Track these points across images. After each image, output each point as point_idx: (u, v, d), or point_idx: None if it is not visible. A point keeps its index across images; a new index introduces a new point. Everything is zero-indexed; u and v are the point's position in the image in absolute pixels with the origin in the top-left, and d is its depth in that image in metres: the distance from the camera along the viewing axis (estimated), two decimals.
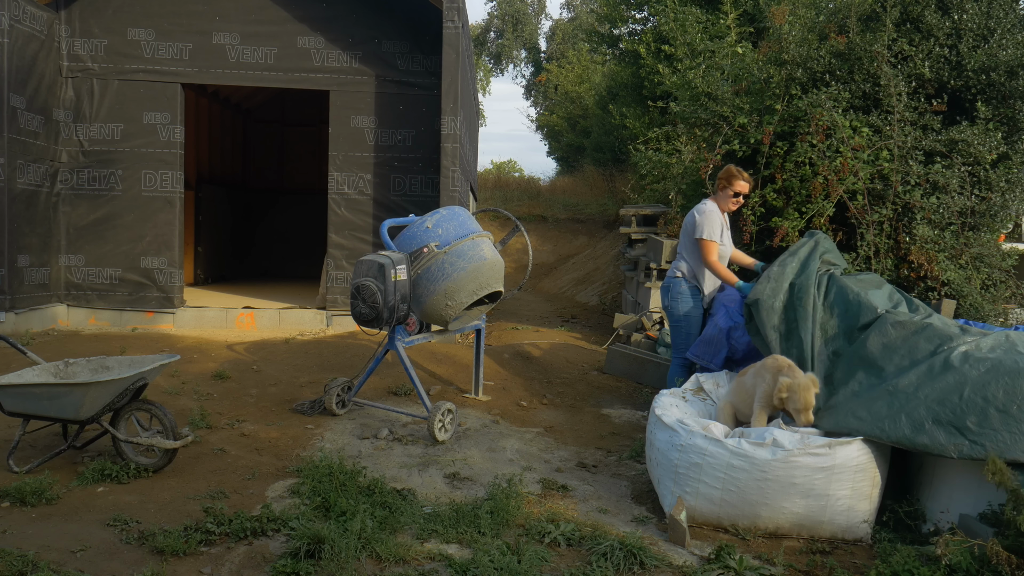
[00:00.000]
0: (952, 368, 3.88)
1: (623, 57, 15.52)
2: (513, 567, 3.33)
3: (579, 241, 16.35)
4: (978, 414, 3.70)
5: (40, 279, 8.23)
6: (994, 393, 3.71)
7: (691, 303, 5.45)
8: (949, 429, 3.74)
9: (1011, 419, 3.64)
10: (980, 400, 3.72)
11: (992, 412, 3.68)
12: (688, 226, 5.52)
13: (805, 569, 3.59)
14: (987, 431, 3.66)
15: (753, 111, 7.56)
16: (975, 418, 3.70)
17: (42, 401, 4.23)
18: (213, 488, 4.26)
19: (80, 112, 8.53)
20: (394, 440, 5.31)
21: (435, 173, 8.53)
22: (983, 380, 3.76)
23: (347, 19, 8.58)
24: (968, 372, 3.82)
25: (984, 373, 3.78)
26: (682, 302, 5.47)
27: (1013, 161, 6.82)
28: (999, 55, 6.74)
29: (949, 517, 3.78)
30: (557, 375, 7.16)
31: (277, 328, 8.79)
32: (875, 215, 6.72)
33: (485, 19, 36.60)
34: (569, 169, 25.30)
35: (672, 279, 5.58)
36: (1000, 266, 6.79)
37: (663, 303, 5.70)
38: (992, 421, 3.67)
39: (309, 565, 3.34)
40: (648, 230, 9.63)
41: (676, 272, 5.57)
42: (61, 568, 3.23)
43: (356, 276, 5.31)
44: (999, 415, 3.67)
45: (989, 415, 3.68)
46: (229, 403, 5.99)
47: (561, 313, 11.13)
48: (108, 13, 8.50)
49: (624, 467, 4.98)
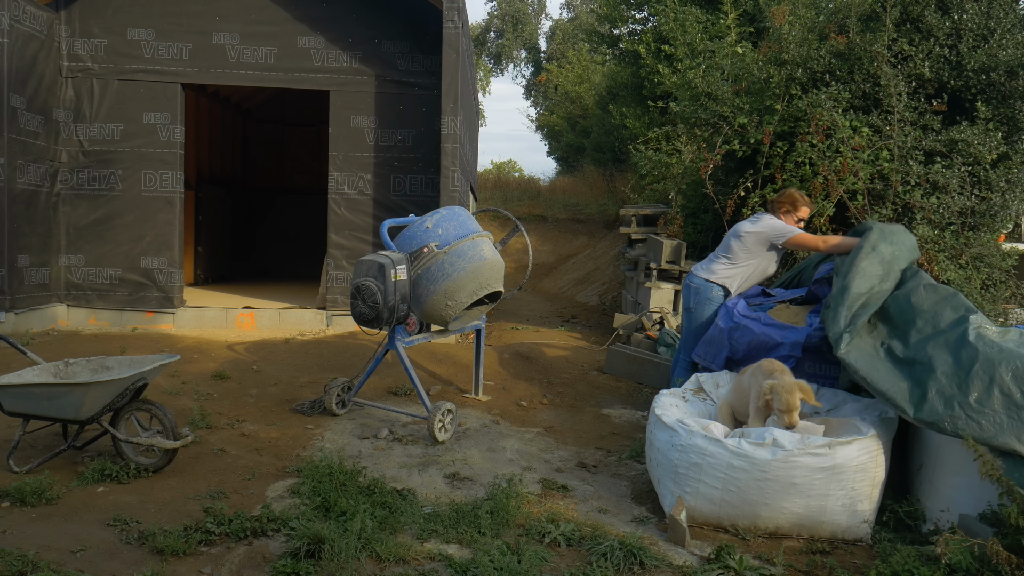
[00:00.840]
0: (967, 344, 3.94)
1: (623, 57, 15.53)
2: (513, 567, 3.33)
3: (579, 241, 16.35)
4: (981, 392, 3.76)
5: (40, 279, 8.23)
6: (1002, 375, 3.77)
7: (715, 309, 5.40)
8: (950, 403, 3.79)
9: (1012, 403, 3.69)
10: (987, 379, 3.78)
11: (996, 393, 3.74)
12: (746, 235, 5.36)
13: (805, 569, 3.59)
14: (986, 411, 3.71)
15: (753, 111, 7.57)
16: (977, 395, 3.76)
17: (42, 401, 4.23)
18: (213, 488, 4.26)
19: (80, 112, 8.53)
20: (394, 440, 5.31)
21: (435, 173, 8.53)
22: (994, 360, 3.82)
23: (347, 19, 8.58)
24: (982, 350, 3.88)
25: (996, 354, 3.84)
26: (709, 308, 5.39)
27: (1013, 161, 6.82)
28: (999, 55, 6.74)
29: (949, 517, 3.78)
30: (557, 375, 7.16)
31: (277, 328, 8.79)
32: (875, 215, 6.72)
33: (485, 19, 36.64)
34: (569, 169, 25.30)
35: (705, 284, 5.43)
36: (1000, 266, 6.79)
37: (685, 304, 5.59)
38: (994, 402, 3.72)
39: (309, 565, 3.34)
40: (648, 230, 9.63)
41: (711, 276, 5.44)
42: (61, 568, 3.22)
43: (356, 276, 5.31)
44: (1002, 397, 3.72)
45: (992, 395, 3.74)
46: (229, 403, 5.99)
47: (561, 313, 11.13)
48: (108, 13, 8.50)
49: (624, 467, 4.98)
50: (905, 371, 4.07)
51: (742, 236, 5.40)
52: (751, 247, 5.38)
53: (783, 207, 5.43)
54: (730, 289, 5.41)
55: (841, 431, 4.10)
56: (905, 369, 4.08)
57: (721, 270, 5.44)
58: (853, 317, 4.36)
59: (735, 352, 5.07)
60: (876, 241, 4.66)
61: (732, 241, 5.45)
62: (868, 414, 4.23)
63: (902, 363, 4.13)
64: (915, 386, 3.96)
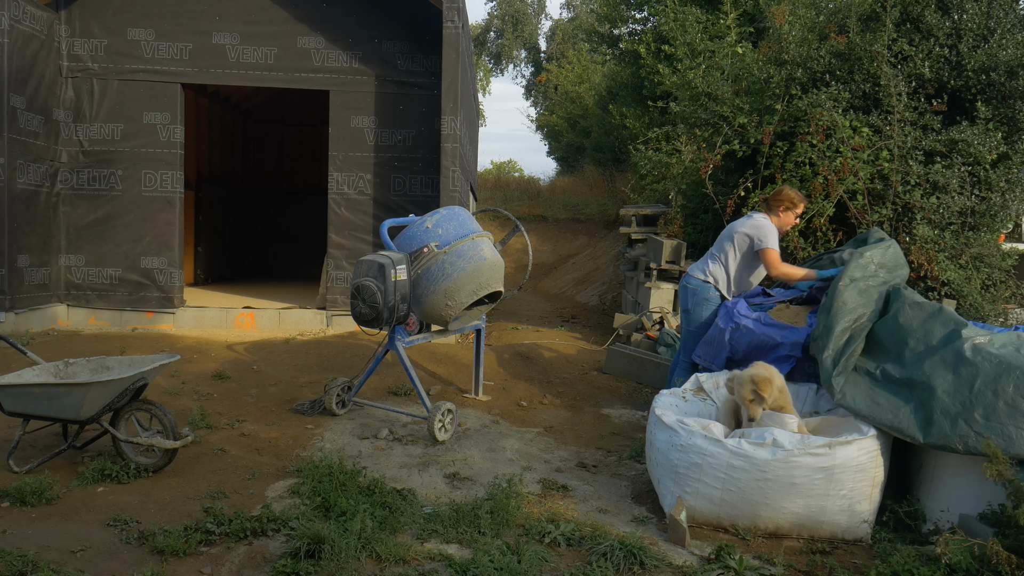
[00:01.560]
0: (964, 360, 3.91)
1: (623, 57, 15.53)
2: (513, 567, 3.33)
3: (579, 241, 16.35)
4: (986, 407, 3.73)
5: (40, 279, 8.23)
6: (1004, 387, 3.74)
7: (713, 309, 5.41)
8: (956, 421, 3.76)
9: (1019, 414, 3.66)
10: (990, 394, 3.75)
11: (1000, 406, 3.71)
12: (738, 235, 5.37)
13: (805, 569, 3.59)
14: (994, 424, 3.68)
15: (753, 111, 7.57)
16: (982, 411, 3.73)
17: (42, 401, 4.23)
18: (213, 488, 4.26)
19: (80, 112, 8.53)
20: (394, 440, 5.31)
21: (435, 173, 8.53)
22: (994, 374, 3.79)
23: (347, 19, 8.58)
24: (980, 364, 3.85)
25: (995, 367, 3.81)
26: (706, 308, 5.39)
27: (1013, 161, 6.82)
28: (999, 55, 6.74)
29: (949, 517, 3.78)
30: (557, 375, 7.16)
31: (277, 328, 8.80)
32: (875, 215, 6.73)
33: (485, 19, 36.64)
34: (569, 169, 25.29)
35: (702, 284, 5.43)
36: (1000, 266, 6.80)
37: (683, 305, 5.58)
38: (1000, 415, 3.69)
39: (309, 565, 3.34)
40: (648, 230, 9.63)
41: (707, 277, 5.43)
42: (61, 568, 3.22)
43: (356, 276, 5.31)
44: (1007, 409, 3.69)
45: (997, 409, 3.71)
46: (229, 403, 5.99)
47: (561, 313, 11.13)
48: (108, 13, 8.50)
49: (624, 467, 4.98)
50: (905, 393, 4.02)
51: (735, 235, 5.42)
52: (744, 246, 5.39)
53: (782, 205, 5.43)
54: (726, 289, 5.41)
55: (841, 431, 4.10)
56: (904, 391, 4.03)
57: (717, 271, 5.44)
58: (838, 355, 4.31)
59: (735, 352, 5.07)
60: (853, 272, 4.59)
61: (726, 241, 5.46)
62: None
63: (900, 384, 4.08)
64: (918, 408, 3.91)
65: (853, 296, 4.49)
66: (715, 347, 5.19)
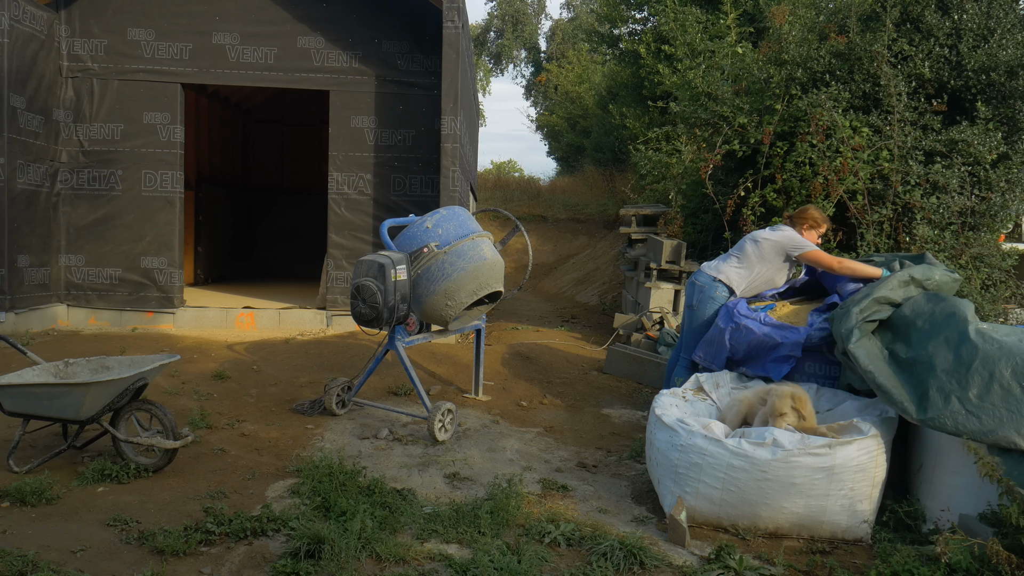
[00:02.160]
0: (967, 341, 3.96)
1: (623, 57, 15.52)
2: (513, 567, 3.33)
3: (579, 241, 16.35)
4: (981, 388, 3.79)
5: (40, 279, 8.23)
6: (1001, 370, 3.79)
7: (716, 308, 5.40)
8: (949, 398, 3.82)
9: (1012, 397, 3.71)
10: (987, 374, 3.80)
11: (995, 388, 3.76)
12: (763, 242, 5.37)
13: (805, 569, 3.59)
14: (986, 405, 3.73)
15: (753, 111, 7.57)
16: (977, 391, 3.78)
17: (42, 401, 4.23)
18: (213, 488, 4.26)
19: (80, 112, 8.53)
20: (394, 440, 5.31)
21: (435, 173, 8.53)
22: (995, 356, 3.84)
23: (347, 19, 8.58)
24: (982, 346, 3.90)
25: (996, 350, 3.86)
26: (711, 306, 5.37)
27: (1013, 161, 6.82)
28: (999, 55, 6.74)
29: (949, 517, 3.78)
30: (557, 375, 7.16)
31: (277, 328, 8.80)
32: (875, 215, 6.73)
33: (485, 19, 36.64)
34: (569, 169, 25.29)
35: (712, 282, 5.41)
36: (1000, 266, 6.79)
37: (688, 301, 5.56)
38: (993, 396, 3.74)
39: (309, 565, 3.34)
40: (648, 230, 9.63)
41: (719, 275, 5.41)
42: (61, 568, 3.22)
43: (356, 276, 5.31)
44: (1001, 391, 3.74)
45: (992, 390, 3.76)
46: (229, 403, 5.99)
47: (561, 313, 11.13)
48: (108, 13, 8.50)
49: (624, 467, 4.98)
50: (907, 373, 4.10)
51: (760, 241, 5.39)
52: (766, 254, 5.37)
53: (806, 223, 5.44)
54: (736, 291, 5.41)
55: (841, 431, 4.10)
56: (907, 371, 4.11)
57: (731, 271, 5.42)
58: (865, 318, 4.40)
59: (735, 352, 5.07)
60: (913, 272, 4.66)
61: (748, 244, 5.44)
62: (868, 414, 4.23)
63: (904, 365, 4.15)
64: (916, 385, 3.99)
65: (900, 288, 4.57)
66: (715, 347, 5.19)
